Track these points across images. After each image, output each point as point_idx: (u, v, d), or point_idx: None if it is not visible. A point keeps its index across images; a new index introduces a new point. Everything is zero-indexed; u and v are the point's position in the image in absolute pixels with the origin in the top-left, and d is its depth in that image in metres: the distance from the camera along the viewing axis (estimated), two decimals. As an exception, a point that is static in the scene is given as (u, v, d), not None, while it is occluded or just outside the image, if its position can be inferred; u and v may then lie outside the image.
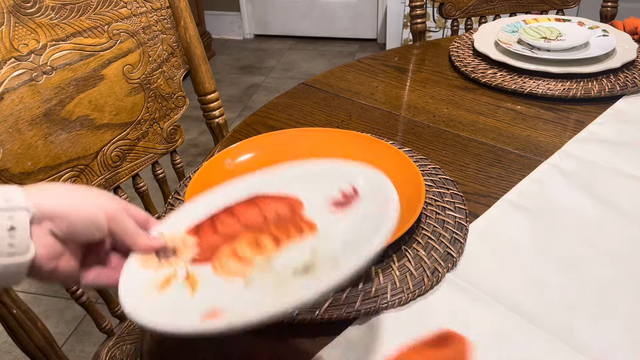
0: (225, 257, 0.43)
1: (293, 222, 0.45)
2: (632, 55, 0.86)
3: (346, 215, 0.44)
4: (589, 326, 0.45)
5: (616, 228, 0.55)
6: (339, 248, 0.41)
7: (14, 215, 0.34)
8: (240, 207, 0.47)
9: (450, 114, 0.80)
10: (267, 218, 0.46)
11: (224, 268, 0.43)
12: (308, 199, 0.47)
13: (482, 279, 0.50)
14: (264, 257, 0.43)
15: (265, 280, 0.41)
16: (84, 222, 0.37)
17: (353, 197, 0.45)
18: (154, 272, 0.41)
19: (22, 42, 0.60)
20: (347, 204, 0.45)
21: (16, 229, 0.34)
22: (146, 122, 0.79)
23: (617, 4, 1.24)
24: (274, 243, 0.44)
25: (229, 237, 0.45)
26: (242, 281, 0.41)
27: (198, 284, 0.41)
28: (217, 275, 0.42)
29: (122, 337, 0.82)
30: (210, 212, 0.46)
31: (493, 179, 0.64)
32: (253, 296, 0.40)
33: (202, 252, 0.44)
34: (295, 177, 0.48)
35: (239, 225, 0.46)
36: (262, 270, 0.42)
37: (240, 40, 3.19)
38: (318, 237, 0.44)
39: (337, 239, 0.42)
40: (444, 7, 1.21)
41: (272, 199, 0.47)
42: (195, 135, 2.20)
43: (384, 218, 0.40)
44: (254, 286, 0.41)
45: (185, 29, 0.80)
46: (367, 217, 0.42)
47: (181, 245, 0.44)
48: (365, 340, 0.44)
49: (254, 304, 0.39)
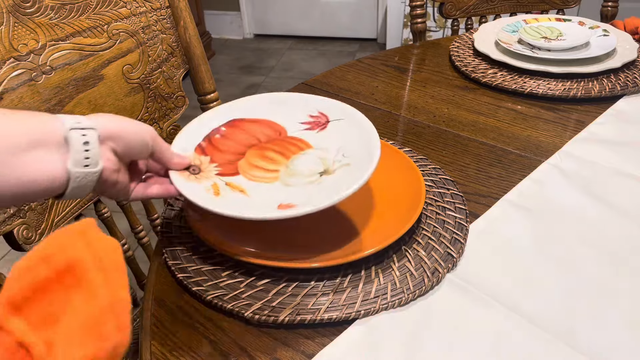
0: (249, 168, 0.52)
1: (286, 141, 0.55)
2: (632, 55, 0.86)
3: (325, 132, 0.55)
4: (589, 326, 0.45)
5: (616, 228, 0.55)
6: (339, 153, 0.52)
7: (87, 133, 0.40)
8: (228, 130, 0.55)
9: (450, 114, 0.79)
10: (259, 139, 0.55)
11: (256, 177, 0.51)
12: (283, 123, 0.56)
13: (482, 279, 0.49)
14: (282, 166, 0.52)
15: (300, 181, 0.50)
16: (138, 142, 0.45)
17: (322, 119, 0.56)
18: (197, 183, 0.48)
19: (21, 42, 0.60)
20: (319, 125, 0.56)
21: (90, 143, 0.40)
22: (146, 122, 0.79)
23: (617, 4, 1.24)
24: (282, 156, 0.53)
25: (237, 153, 0.53)
26: (280, 184, 0.50)
27: (245, 190, 0.49)
28: (254, 182, 0.50)
29: (122, 337, 0.82)
30: (201, 137, 0.54)
31: (493, 179, 0.64)
32: (306, 191, 0.48)
33: (222, 166, 0.52)
34: (265, 105, 0.57)
35: (239, 145, 0.54)
36: (291, 175, 0.51)
37: (240, 40, 3.19)
38: (315, 149, 0.53)
39: (332, 149, 0.52)
40: (444, 6, 1.21)
41: (253, 123, 0.56)
42: (195, 135, 2.20)
43: (360, 124, 0.53)
44: (294, 186, 0.49)
45: (184, 28, 0.80)
46: (344, 128, 0.54)
47: (199, 162, 0.51)
48: (365, 341, 0.44)
49: (312, 196, 0.47)
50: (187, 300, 0.49)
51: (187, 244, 0.54)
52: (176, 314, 0.48)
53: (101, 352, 0.29)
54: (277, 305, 0.46)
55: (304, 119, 0.56)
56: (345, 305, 0.46)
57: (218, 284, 0.49)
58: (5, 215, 0.59)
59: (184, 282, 0.49)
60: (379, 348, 0.43)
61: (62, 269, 0.30)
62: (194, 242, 0.54)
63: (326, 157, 0.52)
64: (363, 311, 0.46)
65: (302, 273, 0.50)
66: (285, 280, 0.49)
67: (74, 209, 0.69)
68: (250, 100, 0.57)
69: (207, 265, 0.51)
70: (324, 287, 0.48)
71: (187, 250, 0.53)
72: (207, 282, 0.49)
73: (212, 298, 0.47)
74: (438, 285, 0.49)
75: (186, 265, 0.51)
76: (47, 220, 0.64)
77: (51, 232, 0.65)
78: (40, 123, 0.39)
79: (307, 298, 0.47)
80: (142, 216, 0.88)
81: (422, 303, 0.47)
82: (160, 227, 0.57)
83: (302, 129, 0.56)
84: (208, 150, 0.53)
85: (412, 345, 0.44)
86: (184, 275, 0.50)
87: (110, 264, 0.31)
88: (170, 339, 0.46)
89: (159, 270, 0.53)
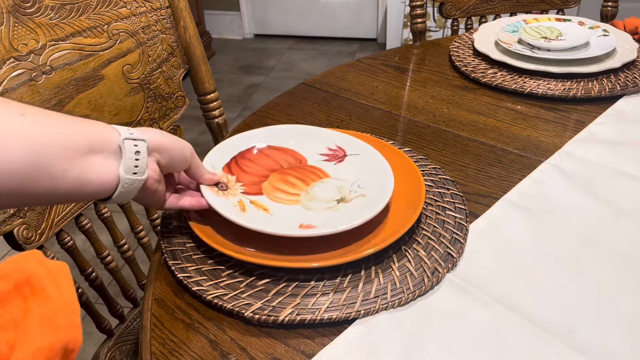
0: (272, 190, 0.57)
1: (306, 169, 0.60)
2: (632, 55, 0.86)
3: (342, 165, 0.60)
4: (589, 326, 0.45)
5: (616, 228, 0.55)
6: (355, 184, 0.57)
7: (138, 144, 0.44)
8: (251, 155, 0.60)
9: (450, 113, 0.79)
10: (281, 165, 0.60)
11: (278, 198, 0.56)
12: (304, 153, 0.62)
13: (482, 279, 0.49)
14: (303, 191, 0.57)
15: (319, 206, 0.54)
16: (179, 156, 0.48)
17: (340, 153, 0.61)
18: (225, 199, 0.53)
19: (21, 42, 0.60)
20: (337, 158, 0.61)
21: (140, 153, 0.44)
22: (146, 122, 0.79)
23: (617, 4, 1.24)
24: (302, 182, 0.58)
25: (261, 176, 0.58)
26: (301, 207, 0.54)
27: (269, 209, 0.54)
28: (276, 202, 0.55)
29: (122, 338, 0.82)
30: (228, 158, 0.59)
31: (493, 179, 0.64)
32: (325, 215, 0.53)
33: (247, 186, 0.56)
34: (288, 135, 0.63)
35: (263, 168, 0.59)
36: (311, 199, 0.55)
37: (240, 40, 3.19)
38: (333, 179, 0.59)
39: (349, 180, 0.58)
40: (444, 6, 1.21)
41: (276, 150, 0.62)
42: (195, 135, 2.20)
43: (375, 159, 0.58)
44: (314, 210, 0.54)
45: (184, 28, 0.80)
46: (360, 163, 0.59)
47: (226, 181, 0.55)
48: (365, 340, 0.44)
49: (330, 220, 0.51)
50: (187, 300, 0.49)
51: (187, 244, 0.54)
52: (176, 314, 0.48)
53: (57, 343, 0.33)
54: (277, 305, 0.46)
55: (323, 150, 0.62)
56: (345, 305, 0.46)
57: (218, 284, 0.49)
58: (5, 215, 0.59)
59: (184, 282, 0.49)
60: (379, 348, 0.43)
61: (21, 282, 0.34)
62: (194, 242, 0.54)
63: (343, 187, 0.57)
64: (363, 311, 0.46)
65: (302, 273, 0.50)
66: (285, 280, 0.49)
67: (74, 209, 0.69)
68: (275, 129, 0.64)
69: (207, 265, 0.51)
70: (324, 287, 0.48)
71: (187, 250, 0.53)
72: (207, 282, 0.49)
73: (212, 298, 0.47)
74: (438, 285, 0.49)
75: (186, 265, 0.51)
76: (47, 220, 0.64)
77: (50, 233, 0.65)
78: (99, 130, 0.43)
79: (307, 298, 0.47)
80: (142, 216, 0.88)
81: (422, 303, 0.47)
82: (160, 227, 0.57)
83: (321, 159, 0.61)
84: (234, 171, 0.58)
85: (412, 345, 0.44)
86: (184, 275, 0.50)
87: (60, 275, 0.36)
88: (170, 339, 0.46)
89: (159, 270, 0.53)
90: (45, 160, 0.38)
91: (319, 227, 0.50)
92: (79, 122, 0.42)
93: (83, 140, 0.41)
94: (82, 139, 0.41)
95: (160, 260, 0.54)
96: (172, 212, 0.58)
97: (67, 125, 0.41)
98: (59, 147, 0.39)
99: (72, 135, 0.40)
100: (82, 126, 0.42)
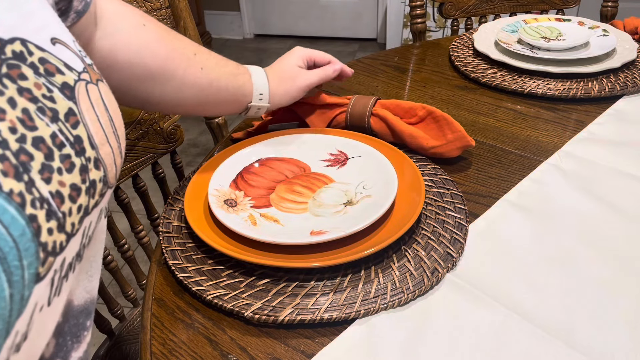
0: (280, 201, 0.58)
1: (311, 176, 0.61)
2: (632, 55, 0.86)
3: (345, 169, 0.62)
4: (589, 326, 0.45)
5: (616, 228, 0.55)
6: (359, 186, 0.58)
7: (261, 108, 0.65)
8: (255, 168, 0.62)
9: (450, 113, 0.79)
10: (286, 175, 0.62)
11: (287, 208, 0.57)
12: (306, 161, 0.64)
13: (482, 279, 0.50)
14: (310, 198, 0.58)
15: (327, 211, 0.55)
16: (296, 96, 0.67)
17: (341, 157, 0.63)
18: (236, 215, 0.54)
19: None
20: (339, 162, 0.63)
21: (260, 111, 0.65)
22: (146, 122, 0.79)
23: (617, 4, 1.24)
24: (308, 190, 0.59)
25: (267, 188, 0.60)
26: (309, 214, 0.55)
27: (279, 220, 0.55)
28: (285, 212, 0.56)
29: (122, 337, 0.82)
30: (234, 174, 0.60)
31: (493, 179, 0.64)
32: (334, 219, 0.54)
33: (255, 200, 0.58)
34: (289, 145, 0.65)
35: (268, 180, 0.61)
36: (318, 206, 0.57)
37: (240, 40, 3.19)
38: (337, 183, 0.60)
39: (353, 182, 0.59)
40: (444, 6, 1.21)
41: (280, 161, 0.63)
42: (195, 135, 2.20)
43: (377, 159, 0.60)
44: (323, 216, 0.55)
45: (185, 28, 0.80)
46: (362, 164, 0.61)
47: (235, 197, 0.57)
48: (365, 340, 0.44)
49: (339, 224, 0.52)
50: (187, 300, 0.49)
51: (187, 244, 0.54)
52: (176, 314, 0.48)
53: None
54: (277, 305, 0.46)
55: (325, 156, 0.64)
56: (345, 305, 0.46)
57: (218, 284, 0.49)
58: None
59: (184, 282, 0.49)
60: (379, 348, 0.43)
61: None
62: (194, 242, 0.54)
63: (348, 190, 0.58)
64: (363, 311, 0.46)
65: (302, 273, 0.50)
66: (285, 280, 0.49)
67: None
68: (275, 140, 0.66)
69: (207, 265, 0.51)
70: (324, 287, 0.48)
71: (187, 250, 0.53)
72: (207, 282, 0.49)
73: (212, 298, 0.47)
74: (438, 285, 0.49)
75: (186, 265, 0.51)
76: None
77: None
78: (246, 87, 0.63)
79: (307, 298, 0.47)
80: (142, 216, 0.88)
81: (422, 303, 0.47)
82: (160, 227, 0.57)
83: (324, 165, 0.63)
84: (241, 186, 0.59)
85: (412, 345, 0.44)
86: (184, 275, 0.50)
87: None
88: (170, 339, 0.46)
89: (159, 270, 0.53)
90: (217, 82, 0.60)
91: (330, 232, 0.50)
92: (227, 62, 0.63)
93: (237, 68, 0.63)
94: (236, 67, 0.63)
95: (160, 260, 0.54)
96: (172, 212, 0.58)
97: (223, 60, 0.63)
98: None
99: (229, 64, 0.62)
100: (237, 71, 0.62)
